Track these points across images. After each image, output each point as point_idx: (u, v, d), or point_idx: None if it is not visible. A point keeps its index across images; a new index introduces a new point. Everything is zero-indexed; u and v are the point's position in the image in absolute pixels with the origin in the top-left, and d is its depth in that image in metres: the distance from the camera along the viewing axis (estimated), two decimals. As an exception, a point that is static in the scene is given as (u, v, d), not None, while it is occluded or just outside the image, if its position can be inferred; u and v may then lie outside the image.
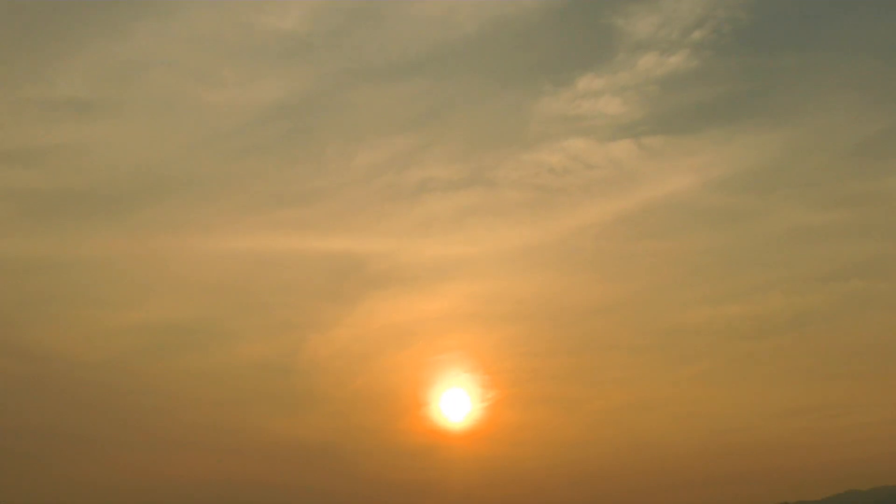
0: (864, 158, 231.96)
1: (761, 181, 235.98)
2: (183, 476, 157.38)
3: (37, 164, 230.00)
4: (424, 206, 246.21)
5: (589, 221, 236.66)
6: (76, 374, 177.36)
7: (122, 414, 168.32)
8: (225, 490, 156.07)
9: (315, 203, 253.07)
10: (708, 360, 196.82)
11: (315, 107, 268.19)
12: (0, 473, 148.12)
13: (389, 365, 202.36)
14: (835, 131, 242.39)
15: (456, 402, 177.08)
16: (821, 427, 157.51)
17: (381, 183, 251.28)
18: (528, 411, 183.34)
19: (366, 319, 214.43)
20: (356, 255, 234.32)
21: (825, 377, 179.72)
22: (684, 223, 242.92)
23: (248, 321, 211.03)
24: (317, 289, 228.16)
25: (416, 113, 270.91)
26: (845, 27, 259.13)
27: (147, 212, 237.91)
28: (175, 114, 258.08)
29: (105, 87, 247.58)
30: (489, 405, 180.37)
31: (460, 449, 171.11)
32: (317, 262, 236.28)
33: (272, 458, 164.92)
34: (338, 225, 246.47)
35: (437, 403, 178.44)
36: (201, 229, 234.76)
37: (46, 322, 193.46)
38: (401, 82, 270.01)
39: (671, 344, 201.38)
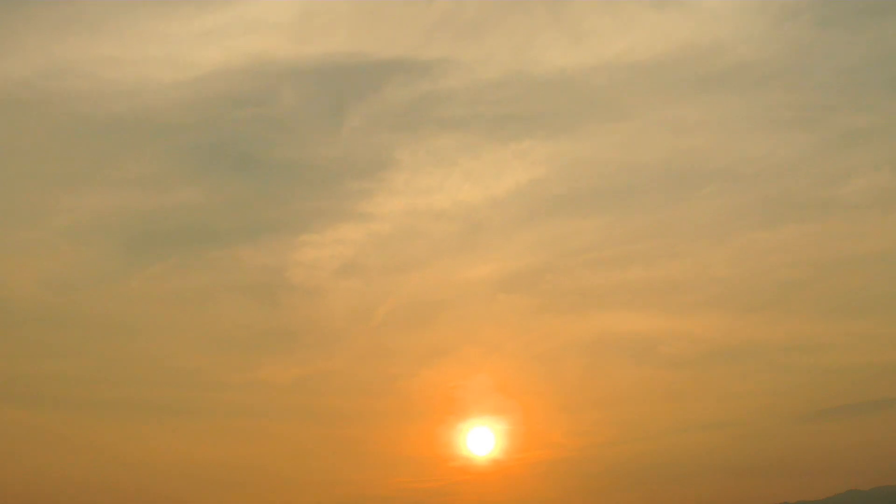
0: None
1: None
2: (140, 450, 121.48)
3: None
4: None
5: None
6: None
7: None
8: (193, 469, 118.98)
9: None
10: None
11: None
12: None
13: (430, 285, 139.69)
14: None
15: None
16: (825, 427, 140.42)
17: None
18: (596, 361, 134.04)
19: (392, 202, 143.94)
20: (380, 69, 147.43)
21: None
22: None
23: (219, 212, 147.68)
24: (312, 134, 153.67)
25: None
26: None
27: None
28: None
29: None
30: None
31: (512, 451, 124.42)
32: (315, 81, 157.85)
33: (258, 432, 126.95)
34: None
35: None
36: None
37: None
38: None
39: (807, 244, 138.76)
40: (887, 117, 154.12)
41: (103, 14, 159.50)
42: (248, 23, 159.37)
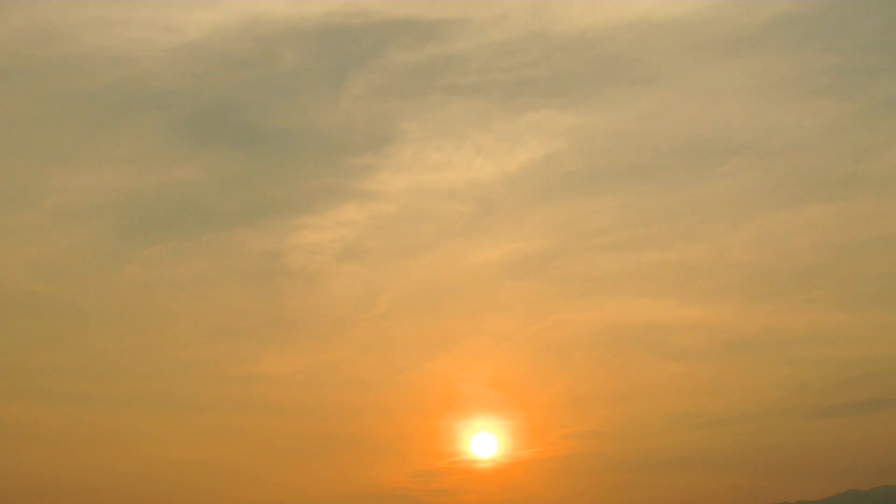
0: None
1: None
2: (131, 447, 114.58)
3: None
4: None
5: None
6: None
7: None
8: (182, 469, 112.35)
9: None
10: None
11: None
12: None
13: (436, 270, 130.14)
14: None
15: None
16: (822, 426, 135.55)
17: None
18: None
19: (397, 179, 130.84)
20: (384, 29, 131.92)
21: None
22: None
23: (216, 191, 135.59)
24: (311, 102, 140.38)
25: None
26: None
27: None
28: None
29: None
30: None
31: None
32: (314, 44, 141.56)
33: (256, 426, 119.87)
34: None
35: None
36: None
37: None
38: None
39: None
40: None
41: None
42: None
